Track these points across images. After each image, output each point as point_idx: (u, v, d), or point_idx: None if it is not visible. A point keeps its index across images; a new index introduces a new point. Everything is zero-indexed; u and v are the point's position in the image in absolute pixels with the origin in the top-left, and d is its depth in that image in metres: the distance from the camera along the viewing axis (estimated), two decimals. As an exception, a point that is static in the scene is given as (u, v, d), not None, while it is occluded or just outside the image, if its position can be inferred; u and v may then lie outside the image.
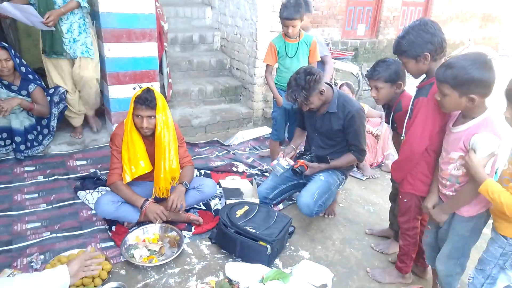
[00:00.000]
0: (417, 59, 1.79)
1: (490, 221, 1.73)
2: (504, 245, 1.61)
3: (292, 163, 2.58)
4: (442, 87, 1.60)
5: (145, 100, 2.24)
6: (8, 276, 1.92)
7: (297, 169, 2.52)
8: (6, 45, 3.02)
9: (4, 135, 3.10)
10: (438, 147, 1.81)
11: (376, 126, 3.60)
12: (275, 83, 3.13)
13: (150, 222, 2.41)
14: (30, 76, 3.18)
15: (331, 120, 2.52)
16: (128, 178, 2.36)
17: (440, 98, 1.63)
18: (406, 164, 1.91)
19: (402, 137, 1.95)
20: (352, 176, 3.41)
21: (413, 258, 2.16)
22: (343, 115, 2.47)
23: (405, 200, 2.01)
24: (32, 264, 2.11)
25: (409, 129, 1.87)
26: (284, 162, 2.59)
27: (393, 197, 2.46)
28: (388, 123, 2.27)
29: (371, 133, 3.52)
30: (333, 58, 5.81)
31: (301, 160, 2.56)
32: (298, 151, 2.73)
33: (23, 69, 3.12)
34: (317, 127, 2.60)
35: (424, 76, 1.89)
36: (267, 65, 3.08)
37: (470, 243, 1.81)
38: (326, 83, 2.50)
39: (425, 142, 1.80)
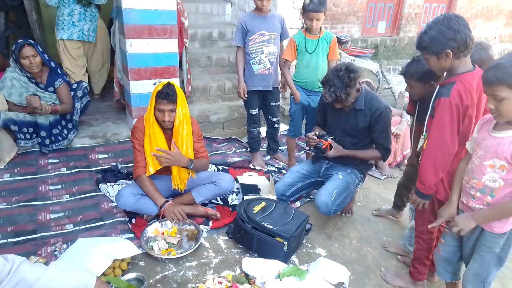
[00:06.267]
0: (438, 56, 1.72)
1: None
2: None
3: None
4: (497, 91, 1.41)
5: (167, 95, 2.29)
6: (34, 263, 1.98)
7: (318, 144, 2.48)
8: (32, 41, 3.10)
9: (30, 129, 3.20)
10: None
11: (395, 125, 3.55)
12: (293, 80, 3.12)
13: (169, 215, 2.45)
14: (59, 71, 3.26)
15: (357, 117, 2.49)
16: (151, 170, 2.42)
17: (495, 105, 1.44)
18: (441, 163, 1.77)
19: (423, 136, 1.91)
20: (370, 175, 3.38)
21: (426, 266, 2.09)
22: (370, 113, 2.44)
23: None
24: (56, 252, 2.18)
25: (430, 129, 1.81)
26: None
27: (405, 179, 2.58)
28: (414, 115, 2.23)
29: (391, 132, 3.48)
30: (352, 55, 5.77)
31: (327, 140, 2.51)
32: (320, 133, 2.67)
33: (52, 64, 3.21)
34: (341, 123, 2.57)
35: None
36: (285, 60, 3.06)
37: (496, 260, 1.66)
38: None
39: (455, 146, 1.72)
